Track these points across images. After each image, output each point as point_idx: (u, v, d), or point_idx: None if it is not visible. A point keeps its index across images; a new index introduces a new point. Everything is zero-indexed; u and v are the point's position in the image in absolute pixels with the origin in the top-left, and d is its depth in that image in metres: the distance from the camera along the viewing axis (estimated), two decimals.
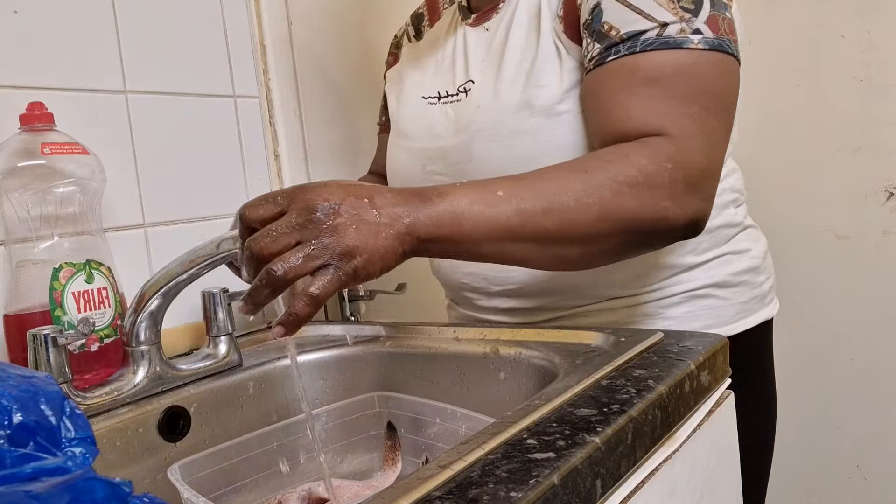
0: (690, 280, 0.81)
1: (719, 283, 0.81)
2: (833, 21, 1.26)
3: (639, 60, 0.66)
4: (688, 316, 0.81)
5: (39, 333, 0.63)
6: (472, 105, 0.81)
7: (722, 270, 0.82)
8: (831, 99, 1.27)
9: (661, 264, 0.80)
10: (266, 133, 1.07)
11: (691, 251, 0.81)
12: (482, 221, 0.57)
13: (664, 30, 0.66)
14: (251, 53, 1.05)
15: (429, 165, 0.86)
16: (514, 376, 0.76)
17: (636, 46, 0.66)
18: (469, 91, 0.82)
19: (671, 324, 0.79)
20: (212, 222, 0.97)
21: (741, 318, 0.83)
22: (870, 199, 1.26)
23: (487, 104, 0.79)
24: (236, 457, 0.67)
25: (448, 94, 0.86)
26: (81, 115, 0.83)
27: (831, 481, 1.35)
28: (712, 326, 0.81)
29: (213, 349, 0.79)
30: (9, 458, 0.35)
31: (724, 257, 0.82)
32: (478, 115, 0.79)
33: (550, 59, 0.75)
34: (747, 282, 0.84)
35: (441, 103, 0.86)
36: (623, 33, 0.67)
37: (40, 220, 0.72)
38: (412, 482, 0.43)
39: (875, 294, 1.28)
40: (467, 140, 0.80)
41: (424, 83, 0.90)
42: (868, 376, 1.30)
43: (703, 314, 0.81)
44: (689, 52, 0.65)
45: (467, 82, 0.83)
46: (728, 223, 0.84)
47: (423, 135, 0.87)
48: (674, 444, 0.59)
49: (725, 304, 0.82)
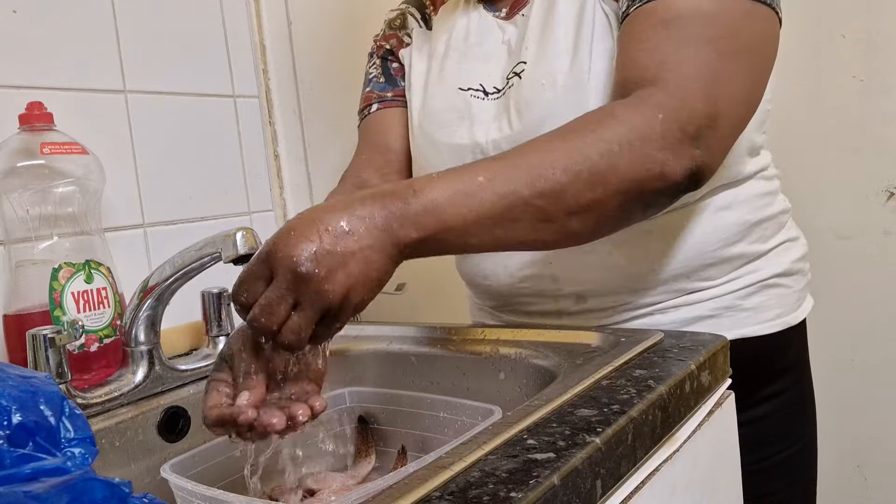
0: (760, 269, 0.79)
1: (784, 272, 0.81)
2: (833, 21, 1.25)
3: (657, 6, 0.63)
4: (762, 306, 0.79)
5: (39, 333, 0.63)
6: (534, 84, 0.75)
7: (785, 258, 0.81)
8: (831, 99, 1.27)
9: (738, 253, 0.78)
10: (266, 132, 1.07)
11: (759, 238, 0.79)
12: (466, 213, 0.54)
13: None
14: (251, 53, 1.05)
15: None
16: (514, 376, 0.76)
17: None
18: (522, 73, 0.76)
19: (748, 315, 0.79)
20: (211, 222, 0.97)
21: (799, 306, 0.83)
22: (870, 199, 1.26)
23: (551, 81, 0.73)
24: (227, 453, 0.67)
25: (498, 89, 0.80)
26: (81, 115, 0.83)
27: (831, 481, 1.35)
28: (782, 315, 0.80)
29: (212, 349, 0.79)
30: (8, 458, 0.35)
31: (784, 244, 0.82)
32: (544, 93, 0.74)
33: (602, 28, 0.72)
34: (801, 269, 0.84)
35: (492, 99, 0.80)
36: None
37: (40, 219, 0.72)
38: (412, 482, 0.43)
39: (875, 294, 1.28)
40: (537, 120, 0.73)
41: (450, 73, 0.84)
42: (868, 376, 1.30)
43: (774, 304, 0.80)
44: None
45: (517, 65, 0.78)
46: (784, 209, 0.83)
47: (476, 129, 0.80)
48: (674, 444, 0.59)
49: (789, 292, 0.82)
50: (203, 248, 0.65)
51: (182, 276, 0.68)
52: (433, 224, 0.54)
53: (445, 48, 0.86)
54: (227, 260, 0.63)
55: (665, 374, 0.60)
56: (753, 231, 0.79)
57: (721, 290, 0.79)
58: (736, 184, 0.78)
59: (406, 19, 0.95)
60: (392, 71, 0.94)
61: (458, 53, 0.84)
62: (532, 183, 0.56)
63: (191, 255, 0.66)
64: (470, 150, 0.80)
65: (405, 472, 0.50)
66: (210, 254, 0.65)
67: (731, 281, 0.79)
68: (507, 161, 0.58)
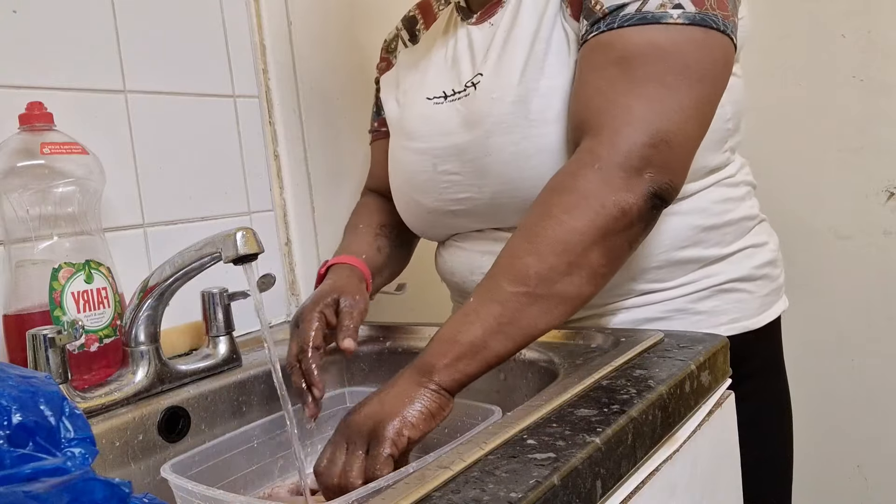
0: (718, 273, 0.81)
1: (744, 277, 0.82)
2: (833, 21, 1.25)
3: (613, 38, 0.66)
4: (716, 310, 0.81)
5: (39, 334, 0.63)
6: (485, 97, 0.78)
7: (746, 264, 0.82)
8: (831, 99, 1.27)
9: (690, 257, 0.80)
10: (266, 132, 1.07)
11: (717, 243, 0.81)
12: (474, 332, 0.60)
13: (645, 4, 0.65)
14: (251, 53, 1.05)
15: (441, 165, 0.84)
16: (514, 376, 0.76)
17: (615, 22, 0.66)
18: (478, 84, 0.80)
19: (701, 318, 0.80)
20: (211, 222, 0.97)
21: (763, 311, 0.84)
22: (870, 199, 1.26)
23: (501, 95, 0.76)
24: (226, 453, 0.68)
25: (454, 91, 0.84)
26: (81, 115, 0.83)
27: (831, 481, 1.35)
28: (739, 320, 0.81)
29: (212, 349, 0.79)
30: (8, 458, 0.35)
31: (746, 250, 0.83)
32: (493, 108, 0.77)
33: (560, 45, 0.74)
34: (767, 275, 0.85)
35: (448, 102, 0.84)
36: (605, 7, 0.67)
37: (40, 219, 0.72)
38: (412, 482, 0.43)
39: (875, 294, 1.28)
40: (484, 134, 0.78)
41: (427, 84, 0.89)
42: (868, 376, 1.30)
43: (731, 308, 0.81)
44: (665, 27, 0.65)
45: (475, 76, 0.81)
46: (747, 216, 0.84)
47: (432, 134, 0.85)
48: (674, 444, 0.59)
49: (750, 297, 0.83)
50: (203, 248, 0.65)
51: (182, 276, 0.68)
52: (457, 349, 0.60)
53: (427, 62, 0.91)
54: (227, 260, 0.63)
55: (665, 374, 0.60)
56: (709, 236, 0.80)
57: (672, 294, 0.80)
58: (683, 197, 0.78)
59: (398, 42, 1.00)
60: (380, 100, 1.01)
61: (437, 66, 0.89)
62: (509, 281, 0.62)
63: (191, 255, 0.66)
64: (430, 154, 0.85)
65: (405, 472, 0.50)
66: (210, 254, 0.65)
67: (683, 285, 0.80)
68: (489, 275, 0.64)
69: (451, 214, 0.86)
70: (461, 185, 0.82)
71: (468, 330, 0.60)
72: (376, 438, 0.56)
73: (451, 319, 0.63)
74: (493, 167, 0.78)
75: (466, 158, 0.81)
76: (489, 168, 0.78)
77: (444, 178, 0.84)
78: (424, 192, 0.87)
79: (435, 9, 0.97)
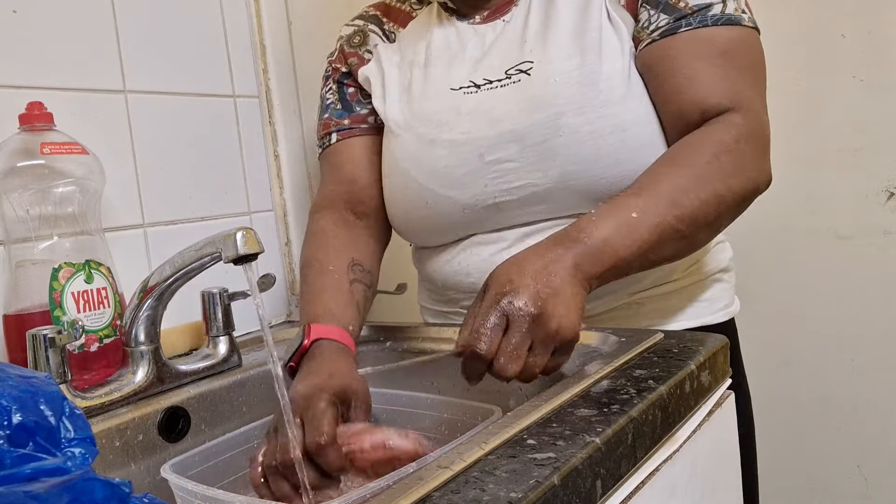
0: (708, 263, 0.88)
1: (724, 269, 0.90)
2: (833, 21, 1.25)
3: (714, 33, 0.75)
4: (713, 297, 0.88)
5: (39, 334, 0.63)
6: (545, 81, 0.79)
7: (723, 256, 0.90)
8: (831, 99, 1.27)
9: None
10: (266, 132, 1.07)
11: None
12: (630, 245, 0.66)
13: (725, 7, 0.76)
14: (251, 53, 1.05)
15: (490, 154, 0.80)
16: None
17: (707, 20, 0.75)
18: (531, 71, 0.80)
19: (705, 305, 0.87)
20: (211, 222, 0.97)
21: (734, 301, 0.91)
22: (870, 199, 1.26)
23: (565, 79, 0.78)
24: (226, 453, 0.67)
25: (490, 80, 0.82)
26: (81, 115, 0.83)
27: (831, 481, 1.35)
28: (728, 305, 0.89)
29: (212, 349, 0.79)
30: (8, 458, 0.34)
31: (721, 244, 0.91)
32: (560, 90, 0.78)
33: (608, 33, 0.79)
34: (731, 268, 0.92)
35: (486, 90, 0.82)
36: (692, 5, 0.76)
37: (40, 219, 0.72)
38: (412, 482, 0.43)
39: (875, 294, 1.28)
40: (554, 115, 0.78)
41: (438, 78, 0.86)
42: (868, 376, 1.30)
43: (721, 296, 0.89)
44: (745, 28, 0.76)
45: (521, 63, 0.81)
46: None
47: (475, 123, 0.82)
48: (674, 444, 0.59)
49: (728, 286, 0.91)
50: (203, 248, 0.65)
51: (182, 276, 0.68)
52: (610, 259, 0.66)
53: (426, 57, 0.89)
54: (227, 260, 0.63)
55: (665, 374, 0.60)
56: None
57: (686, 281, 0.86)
58: None
59: (366, 36, 0.96)
60: (348, 96, 0.96)
61: (443, 61, 0.87)
62: (676, 213, 0.68)
63: (191, 255, 0.66)
64: (474, 144, 0.81)
65: (405, 472, 0.50)
66: (210, 254, 0.65)
67: (691, 274, 0.86)
68: (649, 194, 0.69)
69: (495, 208, 0.82)
70: (518, 172, 0.80)
71: (626, 247, 0.66)
72: (563, 346, 0.62)
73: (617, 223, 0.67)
74: (566, 147, 0.77)
75: (528, 143, 0.79)
76: (560, 149, 0.78)
77: (493, 167, 0.81)
78: (463, 186, 0.82)
79: (407, 8, 0.95)
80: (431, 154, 0.84)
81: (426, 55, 0.89)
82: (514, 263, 0.64)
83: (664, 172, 0.71)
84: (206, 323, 0.80)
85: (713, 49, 0.75)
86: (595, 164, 0.77)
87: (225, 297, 0.80)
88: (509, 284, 0.61)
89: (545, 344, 0.61)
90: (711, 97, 0.75)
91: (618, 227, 0.66)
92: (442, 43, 0.89)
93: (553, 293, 0.61)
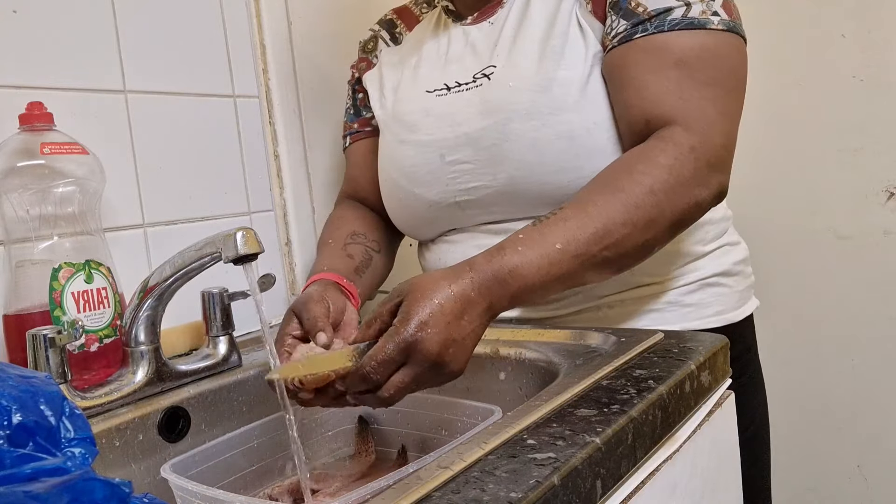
0: (701, 268, 0.85)
1: (724, 272, 0.86)
2: (833, 21, 1.25)
3: (668, 40, 0.71)
4: (702, 303, 0.85)
5: (39, 334, 0.63)
6: (502, 86, 0.80)
7: (725, 260, 0.86)
8: (831, 99, 1.27)
9: (678, 252, 0.83)
10: (266, 133, 1.07)
11: (700, 241, 0.85)
12: (547, 280, 0.64)
13: (689, 10, 0.71)
14: (251, 53, 1.05)
15: (450, 155, 0.84)
16: (514, 376, 0.76)
17: (664, 25, 0.72)
18: (492, 75, 0.82)
19: (690, 310, 0.84)
20: (211, 222, 0.97)
21: (741, 306, 0.88)
22: (870, 199, 1.26)
23: (519, 84, 0.79)
24: (226, 453, 0.68)
25: (460, 83, 0.85)
26: (81, 115, 0.83)
27: (831, 481, 1.35)
28: (723, 312, 0.85)
29: (212, 349, 0.79)
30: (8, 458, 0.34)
31: (724, 247, 0.87)
32: (511, 95, 0.79)
33: (575, 38, 0.78)
34: (742, 271, 0.89)
35: (454, 93, 0.85)
36: (650, 10, 0.72)
37: (40, 220, 0.72)
38: (412, 482, 0.43)
39: (875, 294, 1.28)
40: (503, 120, 0.79)
41: (422, 79, 0.90)
42: (868, 376, 1.30)
43: (714, 301, 0.85)
44: (711, 32, 0.71)
45: (486, 67, 0.83)
46: (724, 216, 0.89)
47: (439, 125, 0.85)
48: (674, 444, 0.59)
49: (730, 291, 0.87)
50: (203, 248, 0.65)
51: (182, 276, 0.68)
52: (528, 295, 0.64)
53: (418, 59, 0.92)
54: (227, 260, 0.63)
55: (665, 374, 0.60)
56: (695, 233, 0.84)
57: (665, 286, 0.84)
58: None
59: (377, 42, 1.02)
60: (358, 101, 1.03)
61: (430, 62, 0.90)
62: (599, 240, 0.66)
63: (191, 255, 0.66)
64: (436, 145, 0.85)
65: (405, 472, 0.50)
66: (210, 254, 0.65)
67: (674, 278, 0.84)
68: (575, 222, 0.66)
69: (456, 206, 0.86)
70: (473, 174, 0.83)
71: (544, 282, 0.64)
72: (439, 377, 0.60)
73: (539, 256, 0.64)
74: (512, 153, 0.79)
75: (481, 146, 0.82)
76: (507, 154, 0.79)
77: (452, 168, 0.84)
78: (427, 184, 0.87)
79: (416, 12, 1.00)
80: (402, 153, 0.89)
81: (418, 57, 0.92)
82: (436, 303, 0.59)
83: (595, 199, 0.68)
84: (206, 323, 0.80)
85: (666, 58, 0.71)
86: (538, 171, 0.78)
87: (225, 297, 0.80)
88: (424, 329, 0.58)
89: (428, 383, 0.60)
90: (655, 109, 0.72)
91: (539, 261, 0.64)
92: (433, 45, 0.91)
93: (459, 341, 0.59)
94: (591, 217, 0.66)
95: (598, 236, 0.66)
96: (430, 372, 0.59)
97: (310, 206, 1.11)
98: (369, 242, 0.94)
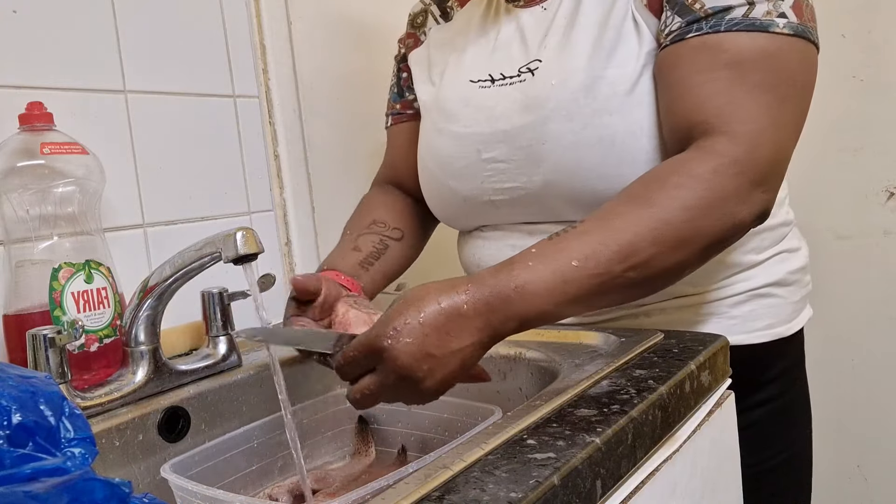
0: (752, 278, 0.79)
1: (778, 282, 0.80)
2: (833, 21, 1.25)
3: (723, 40, 0.65)
4: (751, 315, 0.79)
5: (39, 334, 0.63)
6: (544, 84, 0.75)
7: (780, 268, 0.80)
8: (831, 99, 1.27)
9: (726, 262, 0.78)
10: (266, 133, 1.07)
11: (753, 249, 0.79)
12: (561, 300, 0.57)
13: (751, 9, 0.64)
14: (251, 53, 1.05)
15: (486, 152, 0.80)
16: (514, 376, 0.76)
17: (721, 25, 0.65)
18: (536, 70, 0.77)
19: (735, 323, 0.78)
20: (211, 222, 0.97)
21: (795, 317, 0.82)
22: (870, 199, 1.26)
23: (562, 82, 0.74)
24: (226, 453, 0.68)
25: (505, 76, 0.80)
26: (81, 115, 0.83)
27: (831, 481, 1.35)
28: (774, 325, 0.80)
29: (212, 349, 0.79)
30: (8, 458, 0.34)
31: (781, 255, 0.81)
32: (553, 93, 0.74)
33: (629, 34, 0.72)
34: (799, 280, 0.83)
35: (496, 87, 0.81)
36: (708, 8, 0.66)
37: (40, 220, 0.72)
38: (412, 482, 0.43)
39: (875, 294, 1.28)
40: (541, 120, 0.75)
41: (466, 66, 0.85)
42: (868, 376, 1.30)
43: (765, 313, 0.79)
44: (774, 36, 0.64)
45: (532, 62, 0.78)
46: (784, 221, 0.83)
47: (477, 118, 0.81)
48: (674, 444, 0.59)
49: (784, 302, 0.81)
50: (203, 248, 0.65)
51: (182, 276, 0.68)
52: (534, 316, 0.56)
53: (465, 41, 0.87)
54: (227, 260, 0.63)
55: (665, 374, 0.60)
56: (748, 241, 0.78)
57: (708, 297, 0.78)
58: None
59: (427, 17, 0.96)
60: (402, 80, 0.98)
61: (477, 46, 0.86)
62: (623, 259, 0.58)
63: (191, 255, 0.66)
64: (473, 139, 0.81)
65: (405, 471, 0.50)
66: (210, 254, 0.65)
67: (719, 289, 0.78)
68: (597, 238, 0.59)
69: (491, 205, 0.82)
70: (508, 174, 0.79)
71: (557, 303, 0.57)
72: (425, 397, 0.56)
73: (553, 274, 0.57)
74: (549, 155, 0.75)
75: (517, 145, 0.77)
76: (544, 156, 0.75)
77: (488, 166, 0.80)
78: (462, 178, 0.83)
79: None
80: (439, 142, 0.85)
81: (465, 39, 0.87)
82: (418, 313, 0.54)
83: (621, 212, 0.61)
84: (205, 323, 0.80)
85: (718, 59, 0.65)
86: (577, 176, 0.73)
87: (225, 297, 0.80)
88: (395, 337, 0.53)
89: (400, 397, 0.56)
90: (700, 114, 0.65)
91: (552, 278, 0.56)
92: (482, 27, 0.86)
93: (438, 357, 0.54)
94: (616, 232, 0.59)
95: (622, 254, 0.58)
96: (400, 383, 0.54)
97: (310, 206, 1.11)
98: (388, 231, 0.91)
